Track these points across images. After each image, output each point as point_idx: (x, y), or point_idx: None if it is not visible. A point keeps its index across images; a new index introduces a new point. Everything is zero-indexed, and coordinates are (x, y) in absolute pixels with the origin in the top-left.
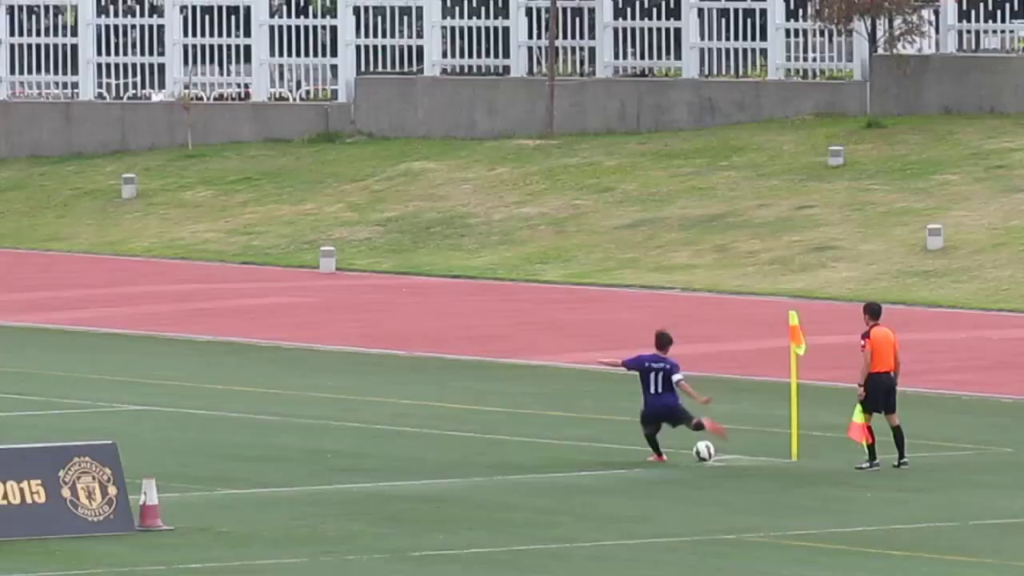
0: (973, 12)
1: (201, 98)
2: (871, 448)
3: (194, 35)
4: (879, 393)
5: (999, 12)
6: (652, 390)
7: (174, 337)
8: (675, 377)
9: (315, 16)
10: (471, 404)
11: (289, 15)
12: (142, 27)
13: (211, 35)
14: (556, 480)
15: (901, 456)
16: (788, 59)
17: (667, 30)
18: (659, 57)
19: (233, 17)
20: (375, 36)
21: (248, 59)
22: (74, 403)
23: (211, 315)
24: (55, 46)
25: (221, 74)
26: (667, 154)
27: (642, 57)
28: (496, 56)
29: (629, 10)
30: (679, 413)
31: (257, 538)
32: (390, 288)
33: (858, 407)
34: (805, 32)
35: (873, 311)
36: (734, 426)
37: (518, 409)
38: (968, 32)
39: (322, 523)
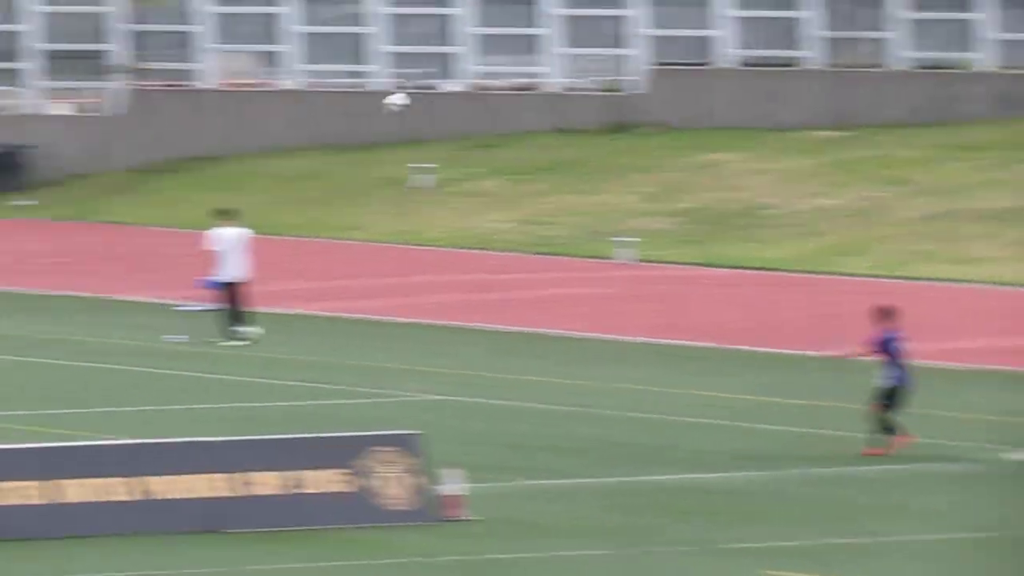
0: None
1: (493, 88)
2: None
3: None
4: None
5: None
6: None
7: (473, 327)
8: None
9: (608, 7)
10: (767, 396)
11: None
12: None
13: (501, 25)
14: (865, 472)
15: None
16: None
17: (962, 21)
18: (954, 50)
19: (523, 7)
20: (668, 27)
21: (540, 49)
22: (368, 391)
23: (506, 305)
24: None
25: (513, 64)
26: (963, 146)
27: (937, 49)
28: (789, 47)
29: (923, 1)
30: None
31: (560, 529)
32: (686, 279)
33: None
34: None
35: None
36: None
37: (815, 402)
38: None
39: (626, 515)
